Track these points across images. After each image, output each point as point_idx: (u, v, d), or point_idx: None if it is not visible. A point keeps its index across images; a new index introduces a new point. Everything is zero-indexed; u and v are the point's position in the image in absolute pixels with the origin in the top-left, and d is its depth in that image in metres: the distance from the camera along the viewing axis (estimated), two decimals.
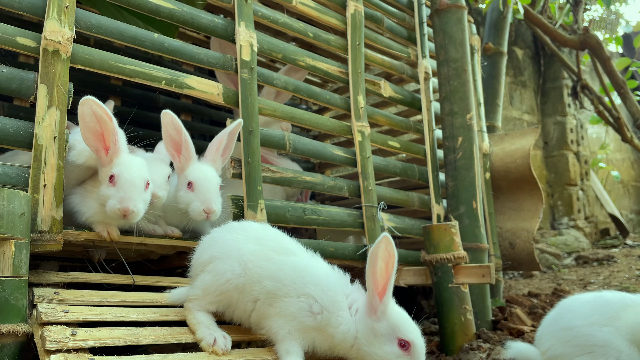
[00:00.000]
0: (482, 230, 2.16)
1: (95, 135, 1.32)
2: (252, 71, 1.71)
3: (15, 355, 1.10)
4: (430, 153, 2.34)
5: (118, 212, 1.30)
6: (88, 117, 1.30)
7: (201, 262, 1.30)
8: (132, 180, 1.33)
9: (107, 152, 1.34)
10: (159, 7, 1.56)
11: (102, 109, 1.29)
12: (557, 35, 4.62)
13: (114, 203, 1.31)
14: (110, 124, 1.31)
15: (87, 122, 1.30)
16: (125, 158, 1.36)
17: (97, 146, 1.33)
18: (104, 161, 1.35)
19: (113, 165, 1.34)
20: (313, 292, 1.22)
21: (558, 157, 6.15)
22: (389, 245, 1.18)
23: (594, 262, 4.55)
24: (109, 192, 1.32)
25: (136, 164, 1.38)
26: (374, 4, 2.31)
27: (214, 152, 1.60)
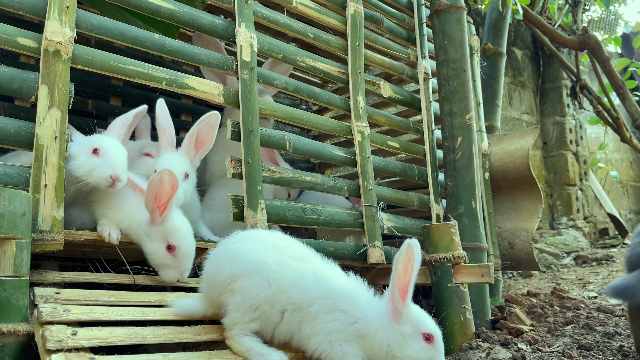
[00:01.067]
0: (481, 230, 2.16)
1: (154, 197, 1.39)
2: (253, 71, 1.72)
3: (16, 354, 1.11)
4: (429, 153, 2.35)
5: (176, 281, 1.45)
6: (156, 183, 1.37)
7: (222, 280, 1.27)
8: (189, 252, 1.46)
9: (161, 212, 1.41)
10: (159, 8, 1.56)
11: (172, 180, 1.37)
12: (556, 35, 4.63)
13: (173, 275, 1.44)
14: (170, 191, 1.39)
15: (153, 187, 1.37)
16: (177, 222, 1.45)
17: (153, 207, 1.40)
18: (155, 220, 1.42)
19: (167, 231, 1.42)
20: (344, 306, 1.22)
21: (557, 157, 6.16)
22: (410, 250, 1.18)
23: (593, 262, 4.56)
24: (168, 262, 1.43)
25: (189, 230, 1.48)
26: (373, 5, 2.31)
27: (187, 145, 1.67)
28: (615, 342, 1.85)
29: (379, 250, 1.93)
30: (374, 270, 2.21)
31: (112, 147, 1.48)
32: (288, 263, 1.27)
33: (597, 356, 1.70)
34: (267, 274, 1.24)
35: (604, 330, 2.02)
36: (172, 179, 1.36)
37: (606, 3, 4.77)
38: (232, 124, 1.67)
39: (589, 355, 1.71)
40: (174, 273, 1.43)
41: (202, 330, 1.26)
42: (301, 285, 1.24)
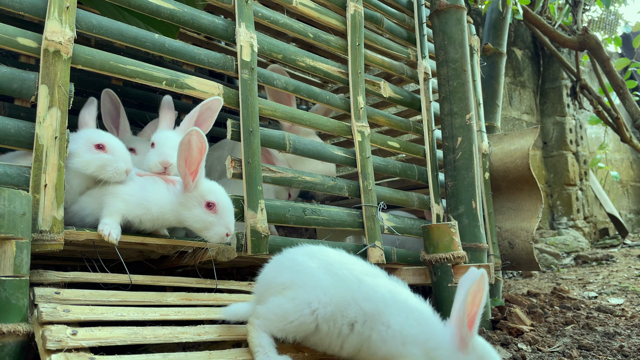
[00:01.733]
0: (481, 230, 2.16)
1: (187, 162, 1.41)
2: (253, 72, 1.72)
3: (16, 354, 1.11)
4: (429, 153, 2.35)
5: (225, 237, 1.45)
6: (184, 146, 1.39)
7: (279, 283, 1.25)
8: (229, 206, 1.48)
9: (194, 178, 1.43)
10: (159, 8, 1.56)
11: (200, 142, 1.39)
12: (556, 35, 4.63)
13: (222, 230, 1.43)
14: (198, 155, 1.41)
15: (182, 150, 1.39)
16: (210, 184, 1.48)
17: (185, 172, 1.42)
18: (189, 186, 1.44)
19: (203, 192, 1.45)
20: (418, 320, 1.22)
21: (557, 157, 6.16)
22: (482, 281, 1.17)
23: (593, 262, 4.56)
24: (211, 219, 1.44)
25: (222, 189, 1.50)
26: (373, 5, 2.31)
27: (186, 124, 1.67)
28: (615, 342, 1.85)
29: (379, 250, 1.93)
30: None
31: (116, 141, 1.53)
32: (358, 277, 1.26)
33: (597, 356, 1.70)
34: (328, 290, 1.22)
35: (604, 330, 2.02)
36: (199, 141, 1.38)
37: (606, 3, 4.77)
38: (232, 124, 1.67)
39: (589, 355, 1.71)
40: (221, 228, 1.43)
41: (202, 330, 1.26)
42: (373, 296, 1.23)
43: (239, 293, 1.55)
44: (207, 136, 1.74)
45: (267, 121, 2.99)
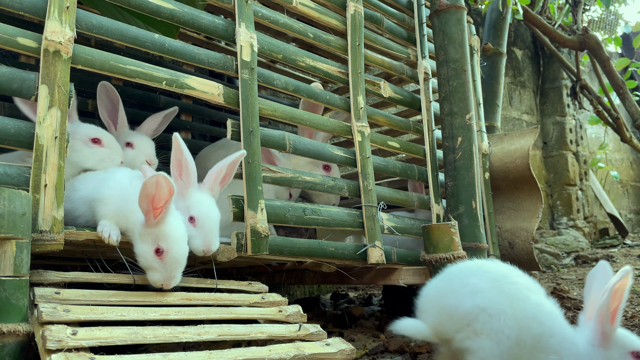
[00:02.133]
0: (481, 230, 2.16)
1: (149, 199, 1.31)
2: (253, 72, 1.72)
3: (16, 354, 1.11)
4: (429, 153, 2.35)
5: (160, 285, 1.36)
6: (150, 186, 1.30)
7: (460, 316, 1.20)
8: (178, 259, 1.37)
9: (156, 215, 1.33)
10: (159, 8, 1.56)
11: (167, 183, 1.30)
12: (556, 35, 4.63)
13: (159, 277, 1.35)
14: (168, 195, 1.32)
15: (148, 189, 1.30)
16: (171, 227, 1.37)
17: (148, 209, 1.33)
18: (150, 222, 1.34)
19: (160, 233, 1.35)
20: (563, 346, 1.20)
21: (557, 157, 6.16)
22: (626, 278, 1.16)
23: (593, 262, 4.56)
24: (155, 265, 1.35)
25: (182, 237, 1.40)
26: (373, 5, 2.31)
27: (212, 181, 1.59)
28: None
29: (379, 250, 1.93)
30: (373, 270, 2.22)
31: (110, 136, 1.59)
32: (525, 294, 1.24)
33: None
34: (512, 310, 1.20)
35: None
36: (168, 184, 1.29)
37: (606, 3, 4.77)
38: (232, 124, 1.67)
39: None
40: (160, 276, 1.34)
41: (202, 330, 1.26)
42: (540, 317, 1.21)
43: (239, 293, 1.55)
44: (206, 136, 1.74)
45: (267, 121, 2.99)
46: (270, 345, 1.27)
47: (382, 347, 1.91)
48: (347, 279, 2.22)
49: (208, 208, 1.53)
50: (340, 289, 3.64)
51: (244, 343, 1.38)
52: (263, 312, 1.46)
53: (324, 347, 1.33)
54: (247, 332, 1.32)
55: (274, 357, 1.22)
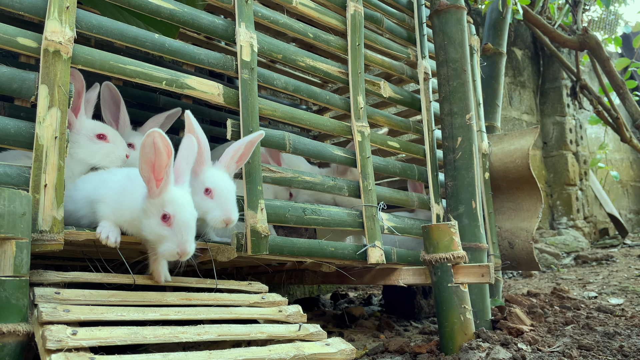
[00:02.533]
0: (481, 230, 2.16)
1: (150, 166, 1.28)
2: (253, 72, 1.72)
3: (16, 354, 1.11)
4: (429, 153, 2.35)
5: (176, 255, 1.29)
6: (148, 148, 1.26)
7: None
8: (187, 222, 1.31)
9: (158, 184, 1.30)
10: (159, 8, 1.56)
11: (164, 143, 1.26)
12: (556, 35, 4.63)
13: (172, 246, 1.28)
14: (166, 159, 1.28)
15: (146, 153, 1.27)
16: (175, 192, 1.32)
17: (150, 177, 1.30)
18: (152, 193, 1.31)
19: (164, 201, 1.30)
20: None
21: (557, 157, 6.16)
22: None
23: (593, 262, 4.56)
24: (164, 233, 1.29)
25: (188, 201, 1.35)
26: (373, 5, 2.31)
27: (228, 159, 1.59)
28: (615, 342, 1.85)
29: (379, 250, 1.93)
30: (373, 270, 2.22)
31: (115, 132, 1.61)
32: None
33: (597, 356, 1.70)
34: None
35: (604, 330, 2.02)
36: (165, 144, 1.25)
37: (606, 3, 4.77)
38: (232, 124, 1.67)
39: (589, 355, 1.71)
40: (172, 245, 1.27)
41: (202, 330, 1.26)
42: None
43: (239, 293, 1.55)
44: (207, 136, 1.75)
45: (267, 121, 2.99)
46: (270, 345, 1.27)
47: (382, 347, 1.91)
48: (347, 279, 2.22)
49: (223, 180, 1.54)
50: (340, 289, 3.64)
51: (244, 343, 1.38)
52: (263, 312, 1.46)
53: (323, 347, 1.34)
54: (247, 332, 1.32)
55: (273, 357, 1.22)
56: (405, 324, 2.60)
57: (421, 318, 2.74)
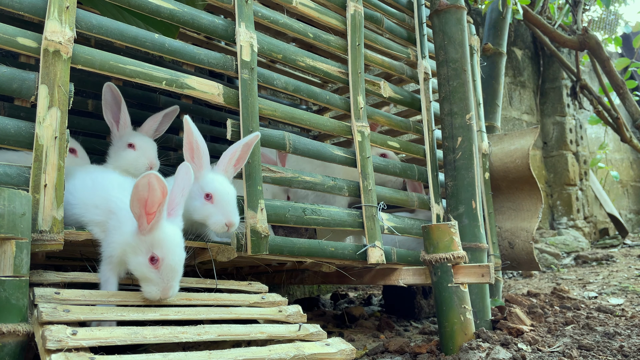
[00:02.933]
0: (481, 230, 2.16)
1: (142, 203, 1.24)
2: (252, 71, 1.72)
3: (16, 354, 1.11)
4: (429, 153, 2.35)
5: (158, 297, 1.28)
6: (142, 187, 1.22)
7: None
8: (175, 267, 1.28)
9: (149, 221, 1.26)
10: (159, 8, 1.56)
11: (160, 184, 1.22)
12: (556, 35, 4.63)
13: (155, 290, 1.27)
14: (161, 197, 1.24)
15: (140, 192, 1.23)
16: (166, 232, 1.28)
17: (141, 213, 1.25)
18: (143, 229, 1.26)
19: (154, 241, 1.26)
20: None
21: (557, 157, 6.16)
22: None
23: (593, 262, 4.56)
24: (150, 276, 1.27)
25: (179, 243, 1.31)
26: (373, 5, 2.31)
27: (226, 162, 1.59)
28: (615, 342, 1.85)
29: (379, 250, 1.93)
30: (373, 270, 2.22)
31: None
32: None
33: (597, 356, 1.70)
34: None
35: (604, 331, 2.02)
36: (161, 184, 1.21)
37: (606, 3, 4.77)
38: (232, 124, 1.67)
39: (589, 355, 1.71)
40: (156, 289, 1.26)
41: (202, 330, 1.26)
42: None
43: (239, 293, 1.55)
44: (206, 136, 1.74)
45: (267, 121, 2.99)
46: (270, 345, 1.27)
47: (382, 347, 1.91)
48: (347, 279, 2.22)
49: (223, 184, 1.54)
50: (340, 289, 3.64)
51: (244, 343, 1.38)
52: (263, 312, 1.46)
53: (323, 347, 1.33)
54: (247, 332, 1.32)
55: (273, 357, 1.22)
56: (405, 324, 2.60)
57: (421, 318, 2.74)
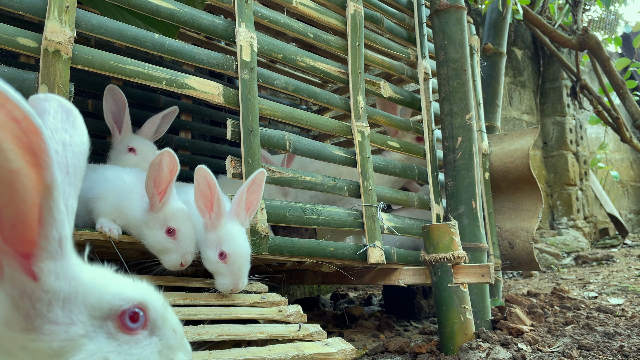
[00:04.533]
0: (481, 230, 2.16)
1: (155, 181, 1.36)
2: (252, 72, 1.72)
3: None
4: (429, 153, 2.35)
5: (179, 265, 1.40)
6: (155, 166, 1.33)
7: None
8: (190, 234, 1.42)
9: (161, 198, 1.38)
10: (159, 8, 1.56)
11: (172, 163, 1.32)
12: (556, 35, 4.63)
13: (176, 257, 1.39)
14: (169, 176, 1.35)
15: (154, 170, 1.34)
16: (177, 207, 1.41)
17: (153, 191, 1.37)
18: (155, 206, 1.38)
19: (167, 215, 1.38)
20: None
21: (557, 157, 6.16)
22: None
23: (593, 262, 4.56)
24: (169, 246, 1.39)
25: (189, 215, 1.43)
26: (373, 5, 2.31)
27: (236, 208, 1.50)
28: (615, 342, 1.85)
29: (379, 250, 1.93)
30: (373, 270, 2.22)
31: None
32: None
33: (597, 356, 1.70)
34: None
35: (604, 331, 2.02)
36: (171, 162, 1.31)
37: (606, 3, 4.77)
38: (232, 124, 1.67)
39: (589, 355, 1.71)
40: (176, 256, 1.38)
41: (202, 331, 1.26)
42: None
43: (239, 293, 1.55)
44: (206, 136, 1.74)
45: (267, 121, 2.99)
46: (270, 345, 1.27)
47: (382, 347, 1.91)
48: (347, 279, 2.22)
49: (240, 243, 1.45)
50: (340, 289, 3.64)
51: (244, 343, 1.38)
52: (263, 312, 1.46)
53: (323, 347, 1.33)
54: (247, 332, 1.32)
55: (274, 357, 1.22)
56: (405, 324, 2.60)
57: (421, 318, 2.74)
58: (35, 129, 0.50)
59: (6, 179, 0.50)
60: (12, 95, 0.48)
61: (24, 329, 0.55)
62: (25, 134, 0.50)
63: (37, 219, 0.54)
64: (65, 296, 0.58)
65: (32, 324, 0.55)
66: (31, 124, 0.50)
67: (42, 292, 0.56)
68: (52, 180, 0.53)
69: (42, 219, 0.54)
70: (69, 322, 0.58)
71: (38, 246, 0.55)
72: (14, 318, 0.55)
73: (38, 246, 0.55)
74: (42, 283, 0.56)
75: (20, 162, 0.51)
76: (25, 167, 0.51)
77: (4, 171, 0.50)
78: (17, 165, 0.50)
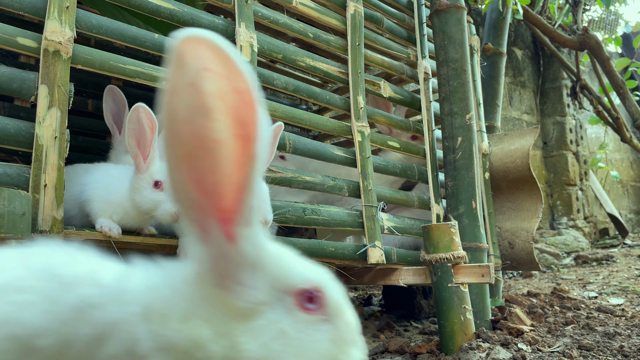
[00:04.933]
0: (481, 230, 2.16)
1: (136, 142, 1.37)
2: (252, 72, 1.72)
3: None
4: (429, 153, 2.35)
5: (175, 214, 1.38)
6: (133, 124, 1.34)
7: None
8: None
9: (145, 159, 1.39)
10: (159, 8, 1.56)
11: (150, 119, 1.33)
12: (556, 35, 4.63)
13: (168, 206, 1.37)
14: (150, 135, 1.36)
15: (132, 129, 1.35)
16: (161, 164, 1.41)
17: (137, 153, 1.38)
18: (141, 168, 1.39)
19: (152, 172, 1.39)
20: None
21: (557, 157, 6.16)
22: None
23: (593, 262, 4.56)
24: (159, 197, 1.38)
25: None
26: (373, 5, 2.31)
27: None
28: (615, 342, 1.85)
29: (379, 250, 1.93)
30: (373, 270, 2.22)
31: None
32: None
33: (597, 356, 1.70)
34: None
35: (604, 331, 2.02)
36: (148, 119, 1.31)
37: (606, 3, 4.77)
38: None
39: (589, 355, 1.71)
40: (168, 204, 1.36)
41: None
42: None
43: None
44: None
45: None
46: None
47: (382, 347, 1.91)
48: (347, 279, 2.22)
49: None
50: None
51: None
52: None
53: None
54: None
55: None
56: (405, 324, 2.60)
57: (421, 318, 2.74)
58: (252, 102, 0.52)
59: (210, 148, 0.53)
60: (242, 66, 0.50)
61: (216, 285, 0.62)
62: (243, 106, 0.52)
63: (236, 188, 0.57)
64: (253, 261, 0.63)
65: (223, 282, 0.62)
66: (250, 96, 0.52)
67: (236, 254, 0.62)
68: (256, 152, 0.55)
69: (242, 188, 0.58)
70: (253, 286, 0.63)
71: (237, 212, 0.59)
72: (210, 274, 0.62)
73: (237, 212, 0.59)
74: (237, 246, 0.62)
75: (227, 133, 0.53)
76: (231, 139, 0.53)
77: (209, 140, 0.53)
78: (224, 136, 0.53)
